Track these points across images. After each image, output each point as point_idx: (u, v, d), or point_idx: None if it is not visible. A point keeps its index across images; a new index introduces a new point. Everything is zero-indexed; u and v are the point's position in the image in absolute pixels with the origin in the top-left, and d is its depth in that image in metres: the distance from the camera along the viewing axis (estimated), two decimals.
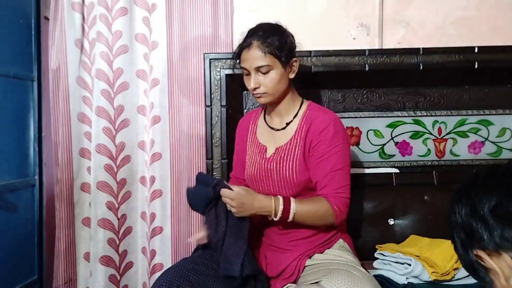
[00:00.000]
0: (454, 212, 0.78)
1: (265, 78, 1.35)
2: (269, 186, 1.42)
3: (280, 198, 1.30)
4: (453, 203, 0.79)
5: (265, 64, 1.34)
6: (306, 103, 1.47)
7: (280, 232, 1.42)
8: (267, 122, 1.50)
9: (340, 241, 1.44)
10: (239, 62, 1.41)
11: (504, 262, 0.70)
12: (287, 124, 1.44)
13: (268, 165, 1.42)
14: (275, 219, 1.29)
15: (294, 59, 1.41)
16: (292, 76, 1.41)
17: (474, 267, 0.76)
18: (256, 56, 1.34)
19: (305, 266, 1.36)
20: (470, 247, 0.75)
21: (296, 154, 1.38)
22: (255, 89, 1.37)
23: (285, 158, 1.39)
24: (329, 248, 1.41)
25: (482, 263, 0.74)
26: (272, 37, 1.36)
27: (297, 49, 1.47)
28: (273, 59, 1.35)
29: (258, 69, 1.35)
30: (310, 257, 1.37)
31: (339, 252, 1.39)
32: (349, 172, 1.39)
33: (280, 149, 1.42)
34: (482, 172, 0.78)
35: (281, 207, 1.29)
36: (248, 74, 1.38)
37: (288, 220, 1.30)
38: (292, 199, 1.32)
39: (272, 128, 1.47)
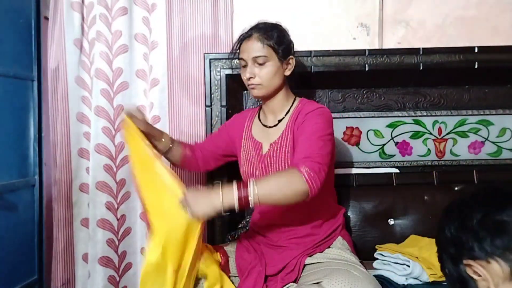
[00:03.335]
0: (443, 230, 0.81)
1: (261, 69, 1.38)
2: None
3: (234, 185, 1.20)
4: (442, 223, 0.83)
5: (262, 54, 1.37)
6: (298, 100, 1.48)
7: (279, 230, 1.42)
8: (261, 121, 1.52)
9: (340, 239, 1.44)
10: (238, 54, 1.44)
11: (493, 270, 0.74)
12: (279, 121, 1.46)
13: (264, 161, 1.43)
14: (236, 207, 1.19)
15: (291, 56, 1.43)
16: (288, 73, 1.43)
17: (464, 280, 0.78)
18: (254, 47, 1.37)
19: (305, 265, 1.36)
20: (460, 259, 0.78)
21: (287, 146, 1.40)
22: (249, 79, 1.39)
23: (278, 152, 1.41)
24: (329, 247, 1.42)
25: (471, 274, 0.77)
26: (272, 31, 1.39)
27: (296, 49, 1.48)
28: (271, 51, 1.37)
29: (255, 59, 1.37)
30: (310, 256, 1.37)
31: (339, 251, 1.39)
32: (328, 147, 1.30)
33: (273, 144, 1.44)
34: (468, 193, 0.82)
35: (235, 193, 1.18)
36: (245, 65, 1.40)
37: (252, 204, 1.19)
38: (250, 180, 1.20)
39: (265, 126, 1.49)
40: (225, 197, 1.18)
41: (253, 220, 1.57)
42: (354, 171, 1.94)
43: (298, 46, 1.84)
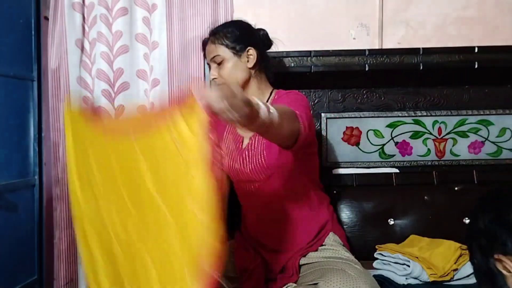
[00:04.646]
0: (477, 220, 0.80)
1: (220, 69, 1.43)
2: (247, 174, 1.43)
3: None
4: (477, 212, 0.81)
5: (216, 54, 1.43)
6: (275, 92, 1.50)
7: (266, 228, 1.43)
8: None
9: (331, 234, 1.44)
10: None
11: None
12: None
13: (243, 154, 1.44)
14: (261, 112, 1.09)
15: (249, 48, 1.44)
16: (250, 65, 1.44)
17: (492, 273, 0.77)
18: (209, 49, 1.46)
19: (302, 265, 1.36)
20: (491, 252, 0.77)
21: (263, 139, 1.40)
22: (214, 79, 1.45)
23: (255, 145, 1.42)
24: (321, 245, 1.41)
25: (501, 269, 0.76)
26: (223, 30, 1.45)
27: (296, 49, 1.48)
28: (223, 49, 1.43)
29: (213, 60, 1.44)
30: (304, 256, 1.37)
31: (333, 248, 1.39)
32: (309, 115, 1.33)
33: (252, 137, 1.44)
34: (506, 186, 0.82)
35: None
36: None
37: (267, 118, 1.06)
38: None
39: None
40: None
41: (243, 223, 1.57)
42: (354, 171, 1.94)
43: (298, 46, 1.85)
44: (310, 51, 1.77)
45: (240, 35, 1.44)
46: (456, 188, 1.84)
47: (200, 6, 1.92)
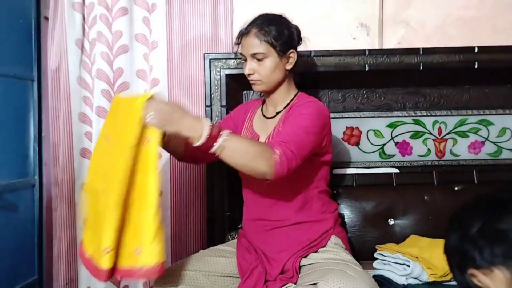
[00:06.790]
0: (448, 240, 0.84)
1: (259, 65, 1.39)
2: None
3: (209, 122, 1.19)
4: (447, 233, 0.85)
5: (260, 51, 1.38)
6: (298, 94, 1.48)
7: (268, 233, 1.42)
8: (262, 111, 1.53)
9: (333, 237, 1.43)
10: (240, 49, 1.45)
11: (496, 278, 0.76)
12: (277, 113, 1.46)
13: None
14: (197, 143, 1.15)
15: (292, 50, 1.42)
16: (289, 67, 1.43)
17: None
18: (252, 43, 1.38)
19: (302, 266, 1.36)
20: (464, 269, 0.80)
21: None
22: (249, 75, 1.41)
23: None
24: (323, 246, 1.40)
25: (477, 282, 0.79)
26: (270, 26, 1.39)
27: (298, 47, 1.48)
28: (269, 47, 1.38)
29: (253, 56, 1.39)
30: (305, 257, 1.37)
31: (334, 250, 1.39)
32: (310, 140, 1.29)
33: (268, 137, 1.44)
34: (469, 202, 0.84)
35: (206, 131, 1.15)
36: (246, 60, 1.42)
37: (213, 150, 1.17)
38: (226, 130, 1.20)
39: (265, 117, 1.50)
40: (195, 130, 1.16)
41: (243, 224, 1.56)
42: (354, 171, 1.94)
43: (298, 46, 1.85)
44: (310, 51, 1.77)
45: (288, 36, 1.41)
46: (456, 188, 1.84)
47: (200, 5, 1.93)
